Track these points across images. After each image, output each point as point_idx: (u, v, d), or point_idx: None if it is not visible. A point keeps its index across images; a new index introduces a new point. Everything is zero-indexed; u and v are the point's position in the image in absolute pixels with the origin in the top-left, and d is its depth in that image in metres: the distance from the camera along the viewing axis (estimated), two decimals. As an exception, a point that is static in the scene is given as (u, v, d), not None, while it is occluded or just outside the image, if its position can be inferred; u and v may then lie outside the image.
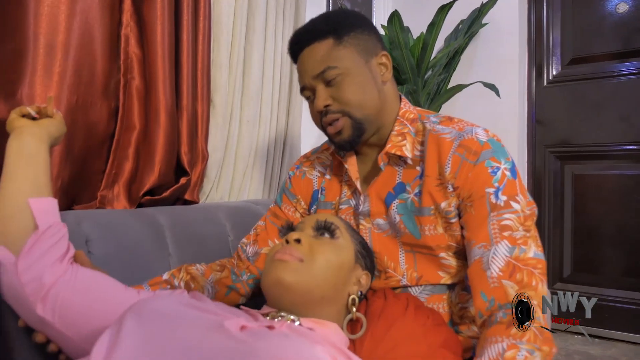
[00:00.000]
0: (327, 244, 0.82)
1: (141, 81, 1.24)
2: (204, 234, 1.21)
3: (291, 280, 0.75)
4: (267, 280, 0.78)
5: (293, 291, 0.75)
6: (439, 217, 0.91)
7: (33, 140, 0.80)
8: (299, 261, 0.77)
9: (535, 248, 0.83)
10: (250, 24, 1.56)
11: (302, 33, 0.96)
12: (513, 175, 0.87)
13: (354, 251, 0.85)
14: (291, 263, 0.76)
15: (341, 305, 0.82)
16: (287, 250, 0.78)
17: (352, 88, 0.91)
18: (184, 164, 1.33)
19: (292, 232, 0.82)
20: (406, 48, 2.12)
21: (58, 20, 1.07)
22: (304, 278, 0.76)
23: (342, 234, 0.85)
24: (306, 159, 1.15)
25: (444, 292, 0.95)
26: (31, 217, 0.74)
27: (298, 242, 0.80)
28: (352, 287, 0.83)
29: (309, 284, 0.76)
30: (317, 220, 0.85)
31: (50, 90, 1.07)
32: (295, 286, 0.75)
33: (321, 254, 0.79)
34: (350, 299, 0.82)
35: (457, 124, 0.94)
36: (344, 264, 0.82)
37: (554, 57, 2.45)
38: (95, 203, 1.22)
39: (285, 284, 0.75)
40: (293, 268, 0.76)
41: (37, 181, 0.78)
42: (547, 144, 2.47)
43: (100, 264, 0.96)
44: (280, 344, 0.60)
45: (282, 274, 0.75)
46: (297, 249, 0.78)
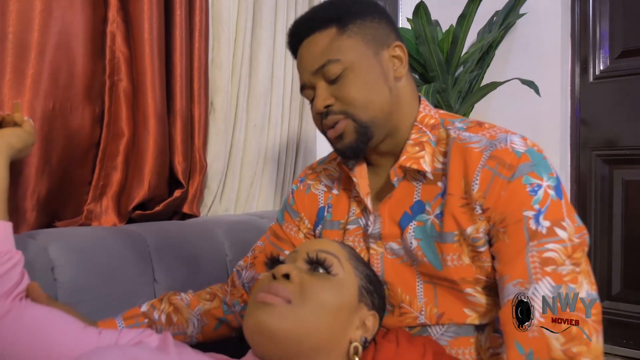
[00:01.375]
0: (322, 279, 0.68)
1: (129, 83, 1.13)
2: (198, 255, 1.09)
3: (275, 327, 0.62)
4: (247, 326, 0.66)
5: (278, 341, 0.63)
6: (465, 245, 0.75)
7: None
8: (287, 303, 0.64)
9: (587, 287, 0.67)
10: (257, 18, 1.43)
11: (301, 22, 0.83)
12: (558, 195, 0.70)
13: (357, 288, 0.71)
14: (277, 306, 0.64)
15: (340, 354, 0.68)
16: (272, 289, 0.65)
17: (357, 85, 0.77)
18: (177, 175, 1.21)
19: (281, 265, 0.69)
20: (434, 43, 1.98)
21: (31, 16, 0.98)
22: (292, 325, 0.63)
23: (341, 268, 0.70)
24: (312, 170, 1.00)
25: (472, 334, 0.79)
26: None
27: (287, 277, 0.66)
28: (354, 332, 0.69)
29: (297, 333, 0.63)
30: (310, 252, 0.71)
31: (23, 94, 0.98)
32: (280, 335, 0.62)
33: (314, 293, 0.66)
34: (352, 347, 0.68)
35: (488, 130, 0.78)
36: (344, 305, 0.68)
37: (602, 50, 2.27)
38: (81, 218, 1.12)
39: (270, 332, 0.62)
40: (278, 313, 0.63)
41: None
42: (593, 146, 2.30)
43: (69, 294, 0.85)
44: None
45: (266, 320, 0.63)
46: (285, 287, 0.65)
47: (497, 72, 2.27)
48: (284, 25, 1.52)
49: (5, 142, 0.75)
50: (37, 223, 1.01)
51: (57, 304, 0.75)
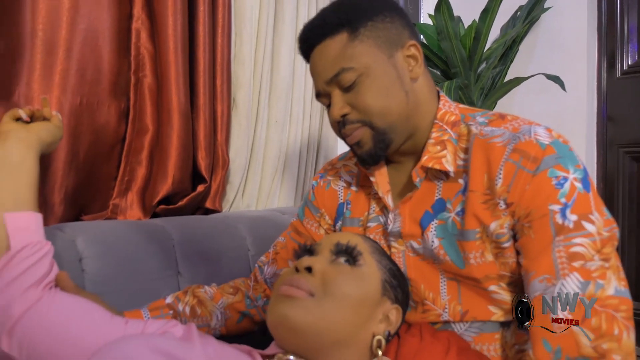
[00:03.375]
0: (346, 272, 0.68)
1: (153, 79, 1.15)
2: (221, 249, 1.09)
3: (299, 320, 0.62)
4: (271, 319, 0.66)
5: (302, 334, 0.63)
6: (487, 242, 0.74)
7: (18, 146, 0.73)
8: (309, 295, 0.64)
9: (616, 283, 0.66)
10: (279, 13, 1.44)
11: (311, 28, 0.81)
12: (586, 188, 0.69)
13: (380, 281, 0.70)
14: (300, 299, 0.64)
15: (363, 347, 0.68)
16: (295, 282, 0.65)
17: (373, 92, 0.76)
18: (201, 170, 1.22)
19: (304, 258, 0.69)
20: (456, 39, 1.97)
21: (59, 14, 1.00)
22: (315, 317, 0.63)
23: (365, 260, 0.70)
24: (331, 166, 1.00)
25: (496, 330, 0.77)
26: (5, 235, 0.67)
27: (309, 271, 0.67)
28: (377, 325, 0.69)
29: (320, 325, 0.63)
30: (338, 243, 0.71)
31: (52, 90, 1.00)
32: (303, 328, 0.62)
33: (338, 286, 0.66)
34: (375, 341, 0.67)
35: (511, 122, 0.76)
36: (367, 298, 0.67)
37: (630, 45, 2.21)
38: (107, 212, 1.14)
39: (293, 325, 0.62)
40: (302, 306, 0.63)
41: (18, 194, 0.71)
42: (621, 143, 2.25)
43: (96, 285, 0.87)
44: None
45: (289, 313, 0.63)
46: (308, 281, 0.66)
47: (521, 68, 2.24)
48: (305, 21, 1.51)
49: (35, 135, 0.76)
50: (64, 216, 1.04)
51: (85, 293, 0.76)
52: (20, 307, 0.63)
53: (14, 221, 0.68)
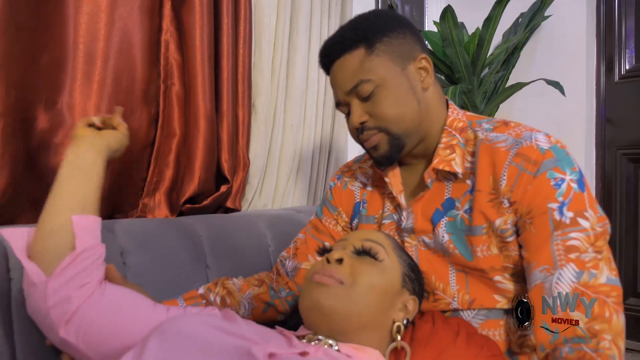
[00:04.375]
0: (370, 265, 0.75)
1: (181, 87, 1.22)
2: (244, 245, 1.17)
3: (330, 305, 0.69)
4: (304, 304, 0.73)
5: (332, 317, 0.70)
6: (493, 237, 0.82)
7: (90, 152, 0.77)
8: (339, 284, 0.71)
9: (608, 272, 0.73)
10: (294, 25, 1.51)
11: (331, 45, 0.88)
12: (581, 188, 0.76)
13: (400, 274, 0.78)
14: (331, 287, 0.71)
15: (384, 331, 0.75)
16: (326, 272, 0.73)
17: (389, 102, 0.83)
18: (224, 172, 1.30)
19: (334, 251, 0.76)
20: (460, 45, 2.02)
21: (97, 28, 1.07)
22: (344, 303, 0.70)
23: (387, 255, 0.77)
24: (347, 168, 1.08)
25: (501, 317, 0.85)
26: (71, 236, 0.71)
27: (339, 262, 0.74)
28: (397, 313, 0.76)
29: (349, 310, 0.70)
30: (359, 240, 0.78)
31: (90, 98, 1.07)
32: (334, 312, 0.70)
33: (364, 276, 0.73)
34: (395, 327, 0.75)
35: (514, 129, 0.84)
36: (389, 289, 0.75)
37: (627, 50, 2.29)
38: (137, 211, 1.21)
39: (324, 309, 0.70)
40: (333, 292, 0.70)
41: (86, 197, 0.75)
42: (619, 145, 2.32)
43: (135, 276, 0.94)
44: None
45: (321, 298, 0.70)
46: (338, 271, 0.73)
47: (522, 73, 2.30)
48: (318, 31, 1.60)
49: (105, 142, 0.80)
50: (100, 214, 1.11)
51: (129, 284, 0.83)
52: (78, 301, 0.68)
53: (80, 223, 0.72)
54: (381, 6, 2.10)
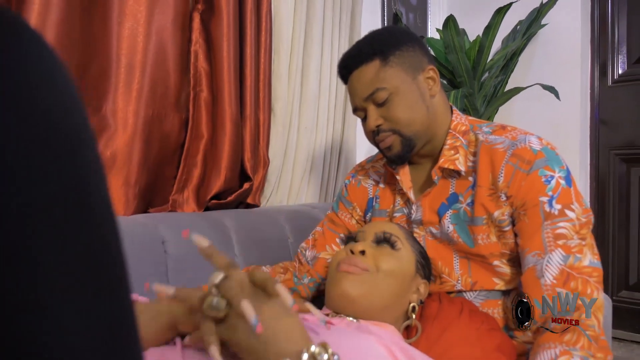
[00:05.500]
0: (389, 254, 0.85)
1: (209, 93, 1.33)
2: (266, 236, 1.29)
3: (357, 293, 0.78)
4: (333, 292, 0.82)
5: (358, 303, 0.79)
6: (492, 226, 0.93)
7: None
8: (364, 271, 0.80)
9: (590, 256, 0.83)
10: (309, 34, 1.62)
11: (349, 57, 0.99)
12: (568, 184, 0.87)
13: (414, 261, 0.88)
14: (357, 275, 0.80)
15: (401, 312, 0.85)
16: (352, 261, 0.81)
17: (402, 107, 0.94)
18: (247, 170, 1.41)
19: (356, 243, 0.85)
20: (462, 51, 2.11)
21: (137, 41, 1.18)
22: (369, 290, 0.79)
23: (403, 244, 0.88)
24: (361, 167, 1.20)
25: (499, 297, 0.96)
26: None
27: (362, 253, 0.83)
28: (412, 295, 0.86)
29: (373, 295, 0.79)
30: (377, 232, 0.88)
31: (130, 104, 1.18)
32: (361, 299, 0.78)
33: (385, 264, 0.83)
34: (411, 307, 0.86)
35: (510, 132, 0.95)
36: (406, 274, 0.85)
37: (620, 55, 2.37)
38: (168, 206, 1.33)
39: (352, 297, 0.78)
40: (359, 280, 0.79)
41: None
42: (612, 146, 2.39)
43: (176, 263, 1.06)
44: (337, 335, 0.64)
45: (348, 287, 0.78)
46: (362, 260, 0.82)
47: (520, 78, 2.37)
48: (329, 40, 1.71)
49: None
50: (137, 208, 1.22)
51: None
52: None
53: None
54: (387, 16, 2.21)
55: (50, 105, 0.24)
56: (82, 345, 0.23)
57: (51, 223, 0.23)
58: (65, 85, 0.26)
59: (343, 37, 1.78)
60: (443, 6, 2.63)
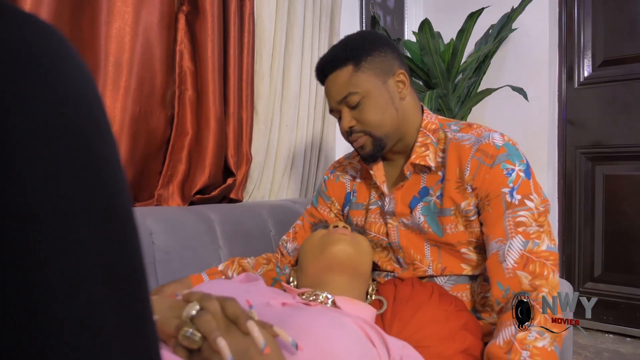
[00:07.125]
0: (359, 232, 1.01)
1: (194, 92, 1.38)
2: (249, 229, 1.34)
3: (352, 250, 0.93)
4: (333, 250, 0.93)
5: (350, 261, 0.93)
6: (459, 217, 1.00)
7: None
8: (351, 235, 0.95)
9: (548, 242, 0.90)
10: (290, 36, 1.68)
11: (325, 62, 1.05)
12: (527, 176, 0.94)
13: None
14: (351, 235, 0.96)
15: (364, 288, 1.00)
16: (341, 230, 0.97)
17: (372, 110, 1.00)
18: (230, 166, 1.46)
19: (337, 222, 1.03)
20: (437, 54, 2.18)
21: (124, 41, 1.21)
22: (357, 251, 0.94)
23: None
24: (339, 164, 1.26)
25: (467, 282, 1.04)
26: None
27: (345, 229, 0.97)
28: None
29: (361, 258, 0.95)
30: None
31: (118, 101, 1.22)
32: (353, 257, 0.94)
33: (362, 238, 0.99)
34: (371, 288, 1.00)
35: (475, 130, 1.02)
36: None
37: (585, 59, 2.47)
38: (153, 201, 1.37)
39: (346, 255, 0.93)
40: (349, 240, 0.95)
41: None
42: (578, 145, 2.50)
43: (163, 254, 1.11)
44: (315, 314, 0.72)
45: (344, 244, 0.93)
46: (347, 229, 0.97)
47: (492, 80, 2.46)
48: (310, 41, 1.77)
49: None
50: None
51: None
52: None
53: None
54: (365, 18, 2.28)
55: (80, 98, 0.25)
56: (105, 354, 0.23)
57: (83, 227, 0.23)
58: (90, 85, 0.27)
59: (323, 39, 1.85)
60: (419, 10, 2.71)
